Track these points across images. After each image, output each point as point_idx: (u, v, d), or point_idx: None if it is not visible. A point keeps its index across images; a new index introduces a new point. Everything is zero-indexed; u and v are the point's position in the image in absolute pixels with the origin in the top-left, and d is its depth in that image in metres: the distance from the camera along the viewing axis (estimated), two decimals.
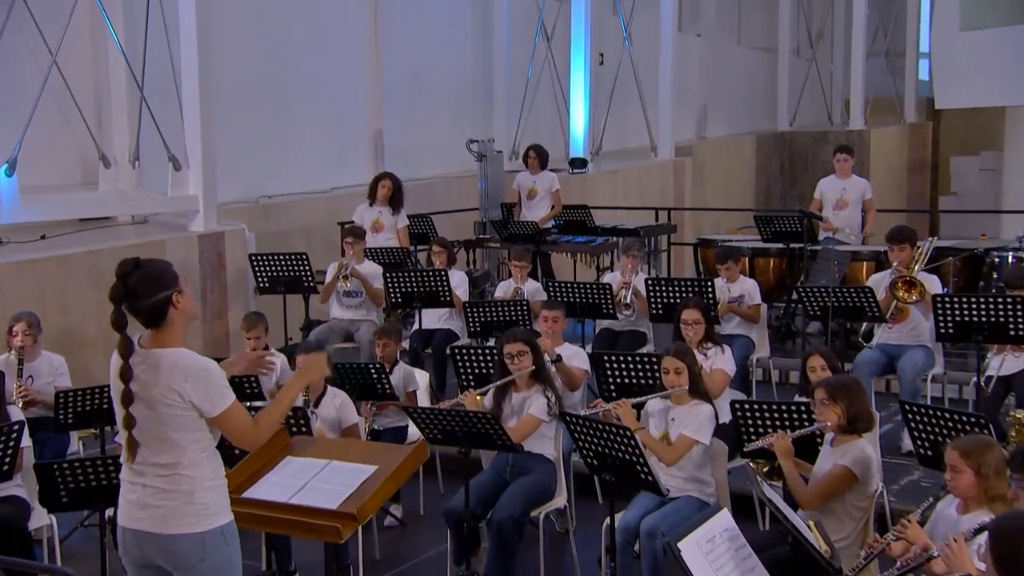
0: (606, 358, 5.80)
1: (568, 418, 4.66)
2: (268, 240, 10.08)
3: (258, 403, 6.02)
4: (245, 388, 5.90)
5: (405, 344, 7.88)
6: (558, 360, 6.01)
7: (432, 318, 8.03)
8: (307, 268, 8.05)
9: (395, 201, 9.07)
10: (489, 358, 5.93)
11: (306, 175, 11.16)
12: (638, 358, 5.74)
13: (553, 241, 9.92)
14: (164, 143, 8.92)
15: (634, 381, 5.70)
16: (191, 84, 8.83)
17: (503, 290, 8.03)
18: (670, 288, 7.29)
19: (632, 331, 7.73)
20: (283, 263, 8.07)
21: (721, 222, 15.49)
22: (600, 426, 4.45)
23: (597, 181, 13.47)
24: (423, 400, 6.52)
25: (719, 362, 5.95)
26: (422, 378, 6.62)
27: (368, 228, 9.06)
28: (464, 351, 6.17)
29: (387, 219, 9.10)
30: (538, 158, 10.33)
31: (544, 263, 10.35)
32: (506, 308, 7.29)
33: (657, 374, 5.21)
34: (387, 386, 6.07)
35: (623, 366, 5.74)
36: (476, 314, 7.33)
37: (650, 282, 7.40)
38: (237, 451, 3.97)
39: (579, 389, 6.18)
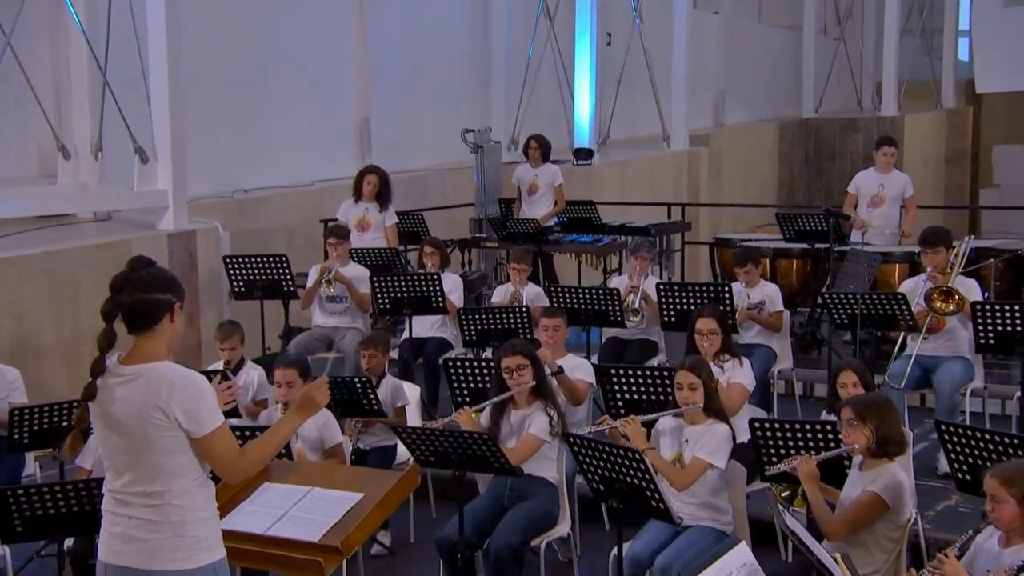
0: (613, 371, 5.79)
1: (571, 438, 4.66)
2: (244, 239, 10.11)
3: (232, 420, 6.04)
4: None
5: (394, 354, 7.86)
6: (559, 372, 6.03)
7: (423, 326, 8.04)
8: (286, 271, 8.03)
9: (382, 197, 9.08)
10: (485, 370, 5.95)
11: (286, 167, 11.19)
12: (649, 371, 5.74)
13: (556, 241, 9.93)
14: (130, 133, 8.93)
15: (644, 397, 5.70)
16: (159, 68, 8.84)
17: (500, 295, 8.05)
18: (683, 293, 7.30)
19: (642, 340, 7.75)
20: (260, 265, 8.06)
21: (740, 219, 15.58)
22: (606, 447, 4.46)
23: (604, 174, 13.49)
24: (413, 417, 6.53)
25: (737, 376, 5.92)
26: (412, 392, 6.62)
27: (353, 226, 9.03)
28: (458, 363, 6.18)
29: (374, 216, 9.10)
30: (539, 149, 10.35)
31: (546, 265, 10.36)
32: (504, 315, 7.30)
33: (670, 389, 5.24)
34: (374, 401, 6.06)
35: (632, 380, 5.73)
36: (471, 321, 7.34)
37: (661, 287, 7.40)
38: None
39: (583, 404, 6.20)
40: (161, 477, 3.16)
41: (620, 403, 5.79)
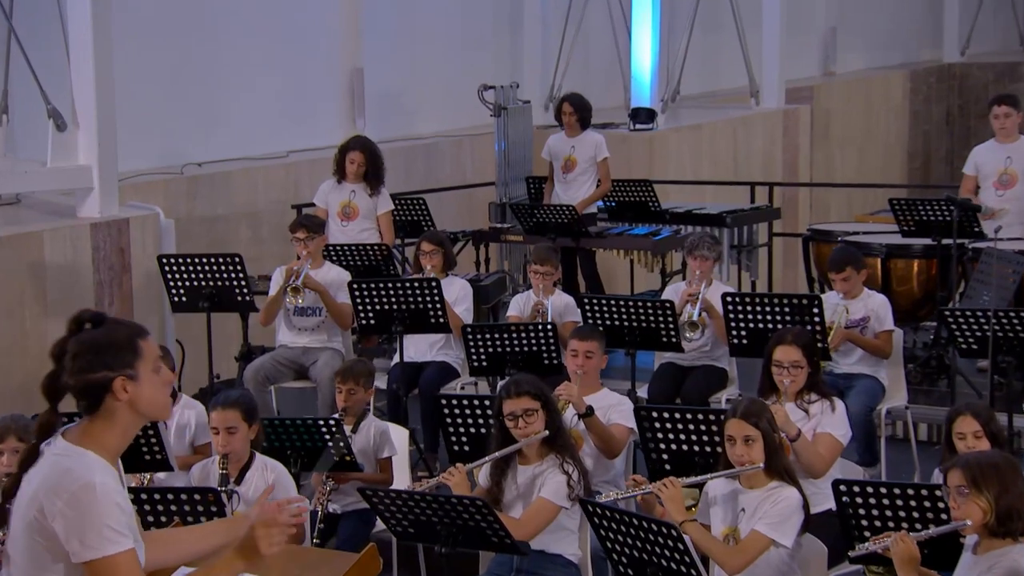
0: (656, 415, 5.77)
1: (589, 507, 4.66)
2: (195, 229, 10.18)
3: (160, 474, 6.08)
4: (143, 450, 5.95)
5: (381, 383, 7.91)
6: (588, 414, 6.03)
7: (421, 347, 8.06)
8: (240, 274, 8.08)
9: (372, 177, 9.13)
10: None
11: (252, 135, 11.25)
12: (702, 415, 5.72)
13: (599, 234, 9.85)
14: (42, 92, 8.99)
15: (696, 447, 5.67)
16: (81, 12, 8.86)
17: (519, 306, 8.07)
18: (757, 306, 7.23)
19: (706, 368, 7.73)
20: (206, 268, 8.10)
21: (858, 201, 15.42)
22: (634, 519, 4.46)
23: (670, 143, 13.44)
24: (402, 471, 6.53)
25: (827, 424, 5.89)
26: (400, 439, 6.65)
27: (337, 215, 9.08)
28: (454, 401, 6.19)
29: (363, 201, 9.16)
30: (575, 114, 10.27)
31: (587, 265, 10.31)
32: (522, 334, 7.29)
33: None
34: (346, 452, 6.08)
35: (679, 425, 5.69)
36: (480, 341, 7.32)
37: (728, 298, 7.36)
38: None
39: (621, 456, 6.19)
40: None
41: (665, 456, 5.75)
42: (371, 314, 7.72)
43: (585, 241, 9.73)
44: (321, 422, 6.09)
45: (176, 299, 8.19)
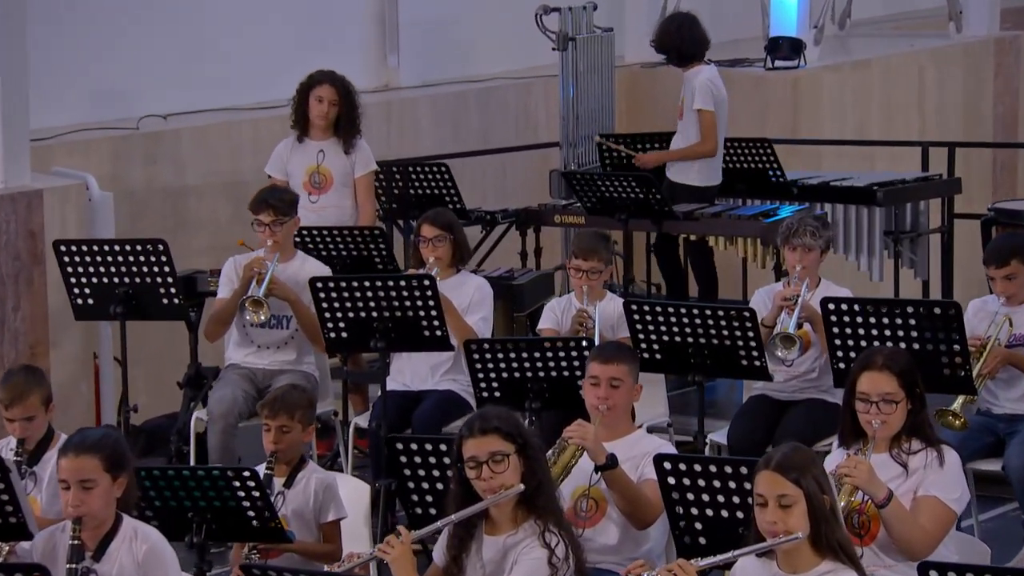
0: (683, 467, 5.73)
1: None
2: (155, 204, 10.27)
3: (25, 544, 6.08)
4: None
5: (362, 421, 7.93)
6: (610, 466, 6.00)
7: (421, 370, 8.12)
8: (165, 268, 8.15)
9: (346, 124, 9.29)
10: None
11: (240, 77, 11.28)
12: (745, 470, 5.61)
13: (691, 214, 9.83)
14: None
15: (739, 515, 5.63)
16: None
17: (555, 315, 8.09)
18: (876, 317, 7.16)
19: (811, 403, 7.72)
20: (119, 259, 8.16)
21: None
22: None
23: (822, 84, 13.24)
24: (358, 541, 6.49)
25: (933, 482, 5.82)
26: (356, 496, 6.66)
27: (303, 185, 9.20)
28: (416, 445, 6.14)
29: (336, 163, 9.30)
30: (674, 49, 10.37)
31: (700, 259, 10.38)
32: (549, 352, 7.26)
33: None
34: (268, 516, 6.03)
35: (715, 482, 5.67)
36: (489, 362, 7.34)
37: (831, 306, 7.26)
38: None
39: (658, 525, 6.12)
40: None
41: (697, 526, 5.73)
42: (342, 324, 7.72)
43: (670, 225, 9.70)
44: (231, 473, 6.02)
45: (79, 302, 8.25)
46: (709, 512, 5.71)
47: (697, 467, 5.72)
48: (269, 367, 8.17)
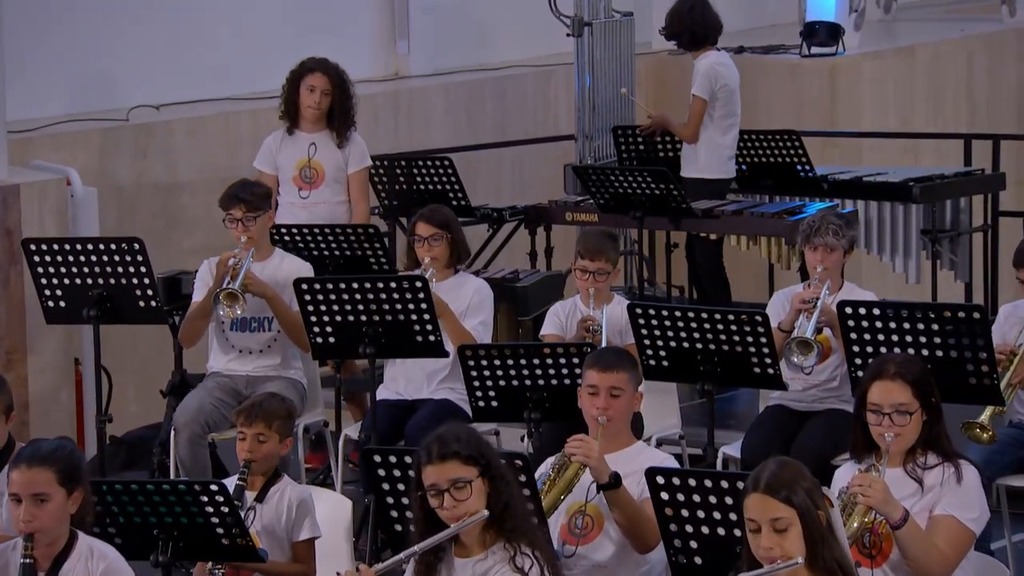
0: (676, 481, 5.70)
1: None
2: (145, 200, 10.25)
3: None
4: None
5: (352, 432, 7.91)
6: (613, 485, 5.97)
7: (416, 378, 8.11)
8: (141, 268, 8.11)
9: (339, 115, 9.26)
10: None
11: (238, 65, 11.27)
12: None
13: (711, 211, 9.78)
14: None
15: (737, 533, 5.43)
16: None
17: (559, 320, 8.06)
18: (896, 322, 7.15)
19: (832, 414, 7.67)
20: (92, 259, 8.11)
21: None
22: None
23: (862, 73, 13.20)
24: (334, 561, 6.37)
25: (951, 500, 5.79)
26: (335, 513, 6.64)
27: (292, 180, 9.22)
28: (395, 457, 6.05)
29: (329, 157, 9.29)
30: (687, 32, 10.31)
31: (706, 258, 10.32)
32: (549, 360, 7.21)
33: None
34: (238, 531, 5.97)
35: (711, 497, 5.67)
36: (484, 369, 7.31)
37: (848, 310, 7.23)
38: None
39: (655, 549, 6.04)
40: None
41: (693, 545, 5.69)
42: (328, 329, 7.68)
43: (688, 223, 9.64)
44: (198, 486, 5.97)
45: (50, 304, 8.23)
46: (705, 530, 5.67)
47: (691, 482, 5.68)
48: (253, 373, 8.14)
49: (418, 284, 7.61)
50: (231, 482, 6.27)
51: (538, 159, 12.07)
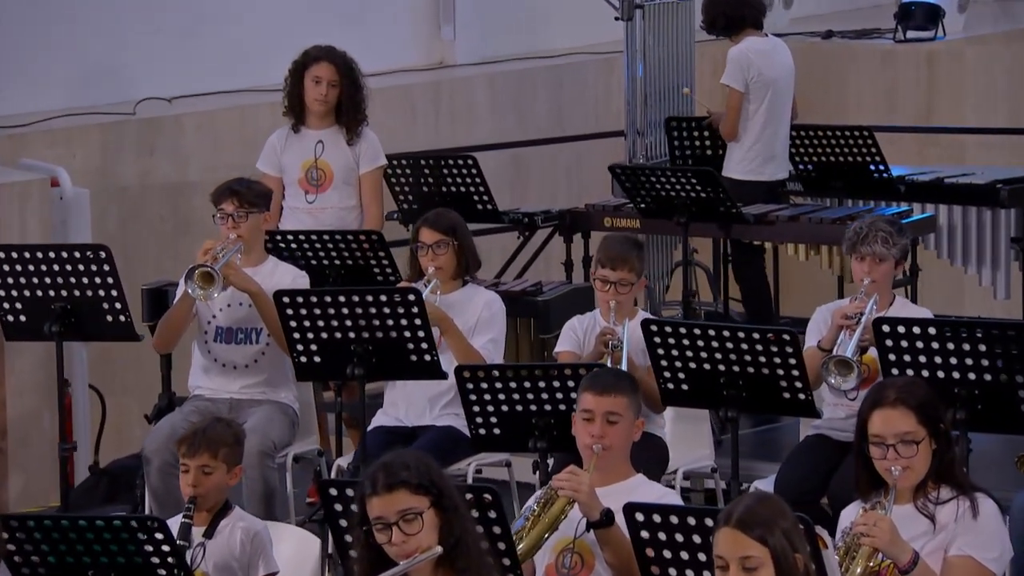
0: (657, 518, 5.68)
1: None
2: (151, 202, 10.34)
3: None
4: None
5: (344, 461, 7.95)
6: (605, 523, 6.01)
7: (417, 403, 8.23)
8: (109, 280, 8.15)
9: (348, 109, 9.36)
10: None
11: (258, 54, 11.38)
12: None
13: (764, 216, 9.71)
14: None
15: None
16: None
17: (575, 336, 8.12)
18: (939, 341, 7.21)
19: None
20: (54, 269, 8.16)
21: None
22: None
23: (965, 60, 13.19)
24: None
25: (967, 538, 5.86)
26: (305, 548, 6.71)
27: (298, 183, 9.31)
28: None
29: (338, 156, 9.38)
30: (721, 15, 10.51)
31: (746, 266, 10.48)
32: (554, 381, 7.29)
33: None
34: (181, 573, 6.06)
35: (693, 536, 5.71)
36: (484, 392, 7.42)
37: (885, 328, 7.22)
38: None
39: None
40: None
41: None
42: (313, 347, 7.72)
43: (739, 230, 9.61)
44: (135, 523, 6.03)
45: (10, 319, 8.28)
46: (690, 574, 5.71)
47: (673, 519, 5.69)
48: (237, 396, 8.23)
49: (411, 297, 7.69)
50: (175, 521, 6.32)
51: (596, 158, 12.08)
